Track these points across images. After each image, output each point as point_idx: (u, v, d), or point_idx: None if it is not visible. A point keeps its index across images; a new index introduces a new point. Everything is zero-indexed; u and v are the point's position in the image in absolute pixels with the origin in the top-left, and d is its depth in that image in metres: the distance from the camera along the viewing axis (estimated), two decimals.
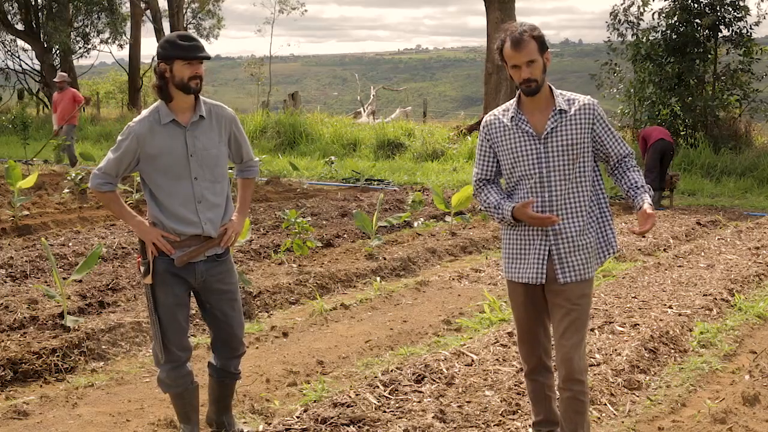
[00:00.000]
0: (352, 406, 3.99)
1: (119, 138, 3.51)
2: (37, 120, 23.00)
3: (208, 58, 3.48)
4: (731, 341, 5.41)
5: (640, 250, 8.39)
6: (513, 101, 3.39)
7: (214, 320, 3.72)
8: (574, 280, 3.30)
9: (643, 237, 3.21)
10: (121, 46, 30.96)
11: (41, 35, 28.84)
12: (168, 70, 3.43)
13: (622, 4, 16.42)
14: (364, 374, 4.75)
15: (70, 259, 7.46)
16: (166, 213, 3.52)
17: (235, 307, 3.74)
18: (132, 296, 6.31)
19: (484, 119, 3.49)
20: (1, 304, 5.87)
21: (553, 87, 3.34)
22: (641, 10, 16.19)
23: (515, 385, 4.34)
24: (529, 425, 3.73)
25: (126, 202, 10.76)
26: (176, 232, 3.53)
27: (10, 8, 29.18)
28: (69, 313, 5.58)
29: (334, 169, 14.86)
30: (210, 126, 3.58)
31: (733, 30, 15.59)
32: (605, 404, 4.25)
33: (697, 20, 15.33)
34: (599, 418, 4.10)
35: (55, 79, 15.28)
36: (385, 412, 4.00)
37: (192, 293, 3.69)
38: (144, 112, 3.55)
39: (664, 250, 8.64)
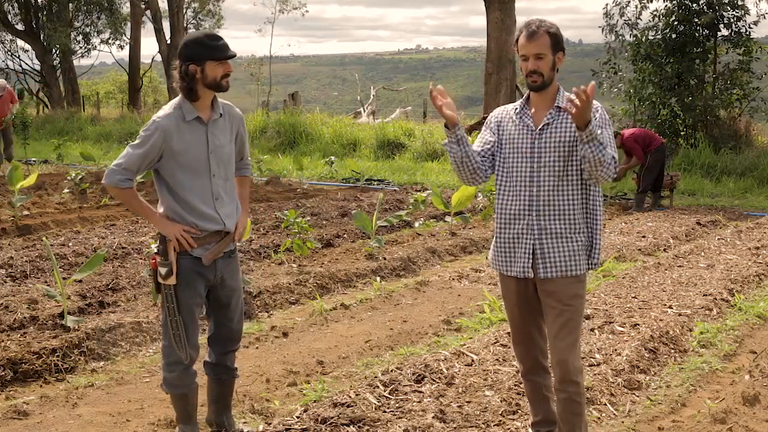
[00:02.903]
0: (352, 406, 3.99)
1: (143, 133, 3.49)
2: (37, 120, 23.01)
3: (235, 55, 3.55)
4: (731, 341, 5.41)
5: (640, 250, 8.39)
6: (523, 97, 3.44)
7: (220, 316, 3.75)
8: (555, 275, 3.30)
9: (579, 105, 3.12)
10: (121, 46, 30.99)
11: (41, 35, 28.86)
12: (199, 70, 3.46)
13: (617, 5, 16.42)
14: (364, 374, 4.75)
15: (70, 259, 7.46)
16: (187, 209, 3.54)
17: (240, 303, 3.82)
18: (132, 296, 6.31)
19: (494, 111, 3.53)
20: (1, 304, 5.87)
21: (561, 87, 3.36)
22: (639, 10, 16.19)
23: (515, 385, 4.34)
24: (529, 425, 3.73)
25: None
26: (198, 227, 3.55)
27: (10, 8, 29.19)
28: (69, 313, 5.58)
29: (334, 169, 14.86)
30: (224, 124, 3.65)
31: (732, 29, 15.59)
32: (605, 404, 4.25)
33: (696, 20, 15.33)
34: (599, 418, 4.10)
35: None
36: (385, 412, 4.00)
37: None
38: (167, 108, 3.56)
39: (664, 250, 8.64)
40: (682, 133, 15.85)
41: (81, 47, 30.44)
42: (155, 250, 3.62)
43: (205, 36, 3.50)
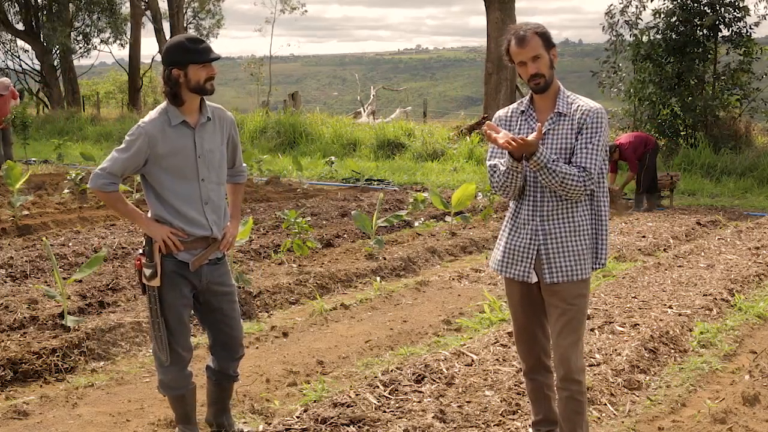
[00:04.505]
0: (352, 406, 3.99)
1: (128, 138, 3.47)
2: (37, 120, 23.02)
3: (219, 57, 3.48)
4: (731, 341, 5.41)
5: (640, 250, 8.39)
6: (527, 98, 3.42)
7: (215, 323, 3.72)
8: (561, 280, 3.29)
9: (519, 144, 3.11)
10: (121, 46, 31.03)
11: (41, 35, 28.87)
12: (182, 75, 3.42)
13: (620, 3, 16.45)
14: (364, 374, 4.75)
15: (70, 259, 7.46)
16: (173, 213, 3.51)
17: (235, 308, 3.76)
18: (132, 296, 6.31)
19: (497, 112, 3.50)
20: (1, 304, 5.87)
21: (562, 88, 3.34)
22: (639, 10, 16.20)
23: (515, 385, 4.34)
24: (529, 425, 3.73)
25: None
26: (185, 232, 3.53)
27: (10, 8, 29.21)
28: (69, 313, 5.58)
29: (334, 169, 14.86)
30: (214, 128, 3.60)
31: (732, 30, 15.60)
32: (605, 404, 4.25)
33: (697, 20, 15.33)
34: (599, 418, 4.10)
35: None
36: (385, 412, 4.00)
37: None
38: (153, 113, 3.53)
39: (664, 250, 8.64)
40: (682, 133, 15.86)
41: (81, 47, 30.48)
42: (140, 251, 3.60)
43: (186, 39, 3.45)
